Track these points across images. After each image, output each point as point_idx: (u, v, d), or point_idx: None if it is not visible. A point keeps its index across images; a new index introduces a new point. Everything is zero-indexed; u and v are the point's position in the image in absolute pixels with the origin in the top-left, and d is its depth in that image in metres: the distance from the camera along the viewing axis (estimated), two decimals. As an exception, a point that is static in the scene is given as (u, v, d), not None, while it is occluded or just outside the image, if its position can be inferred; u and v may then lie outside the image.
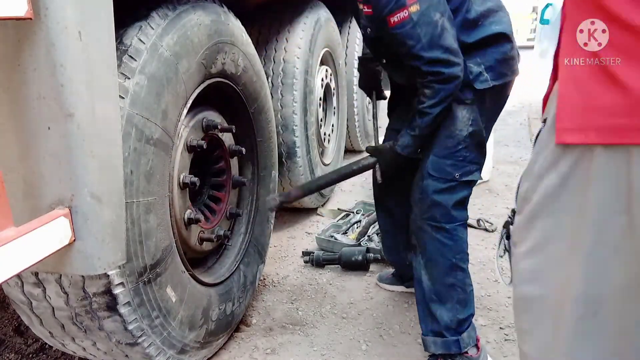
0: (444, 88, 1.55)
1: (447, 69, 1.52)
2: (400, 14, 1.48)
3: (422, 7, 1.48)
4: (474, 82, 1.63)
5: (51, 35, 0.93)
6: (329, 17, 3.19)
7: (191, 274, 1.65)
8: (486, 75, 1.64)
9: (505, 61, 1.67)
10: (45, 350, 1.98)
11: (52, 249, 0.99)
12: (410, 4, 1.47)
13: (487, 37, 1.62)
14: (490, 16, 1.64)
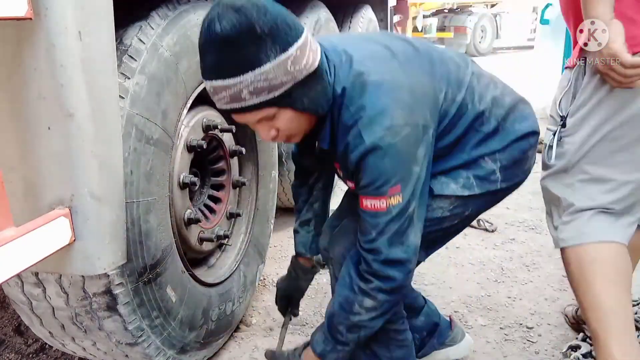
0: (389, 300, 1.26)
1: (401, 274, 1.24)
2: (376, 203, 1.19)
3: (405, 197, 1.19)
4: (481, 180, 1.36)
5: (51, 35, 0.93)
6: (329, 17, 3.19)
7: (191, 274, 1.65)
8: (498, 175, 1.37)
9: (523, 161, 1.41)
10: (45, 350, 1.98)
11: (52, 249, 0.99)
12: (392, 194, 1.18)
13: (513, 139, 1.37)
14: (511, 115, 1.37)
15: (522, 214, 3.18)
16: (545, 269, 2.50)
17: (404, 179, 1.18)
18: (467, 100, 1.31)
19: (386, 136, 1.14)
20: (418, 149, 1.19)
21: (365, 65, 1.20)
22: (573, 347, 1.88)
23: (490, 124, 1.34)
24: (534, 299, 2.24)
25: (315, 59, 1.12)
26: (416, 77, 1.23)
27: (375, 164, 1.16)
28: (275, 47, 1.03)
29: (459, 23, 12.44)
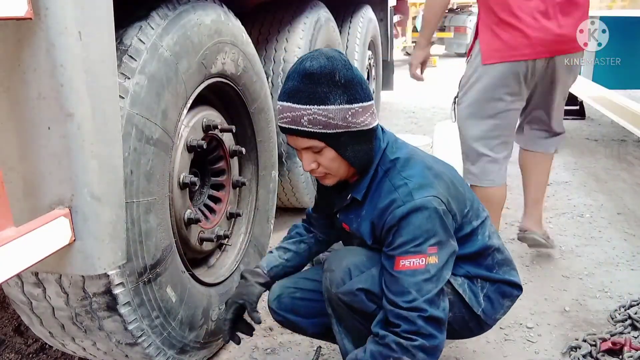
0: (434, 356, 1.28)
1: (441, 334, 1.28)
2: (415, 260, 1.25)
3: (441, 260, 1.28)
4: (471, 291, 1.46)
5: (51, 35, 0.93)
6: (329, 17, 3.19)
7: (191, 274, 1.65)
8: (482, 301, 1.47)
9: (500, 308, 1.53)
10: (45, 350, 1.98)
11: (52, 249, 0.99)
12: (431, 252, 1.26)
13: (504, 281, 1.52)
14: (507, 266, 1.53)
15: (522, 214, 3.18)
16: (545, 269, 2.50)
17: (441, 243, 1.29)
18: (479, 230, 1.46)
19: (434, 201, 1.29)
20: (452, 228, 1.35)
21: (417, 153, 1.43)
22: (573, 347, 1.88)
23: (491, 259, 1.49)
24: (534, 299, 2.24)
25: (372, 123, 1.32)
26: (453, 183, 1.41)
27: (420, 221, 1.27)
28: (344, 97, 1.25)
29: (459, 23, 12.42)
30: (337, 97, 1.25)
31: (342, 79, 1.25)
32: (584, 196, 3.43)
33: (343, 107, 1.25)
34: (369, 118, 1.31)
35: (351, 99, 1.26)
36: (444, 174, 1.40)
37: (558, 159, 4.23)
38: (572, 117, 5.60)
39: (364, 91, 1.28)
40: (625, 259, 2.56)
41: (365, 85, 1.30)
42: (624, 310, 2.07)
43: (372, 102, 1.32)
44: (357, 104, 1.27)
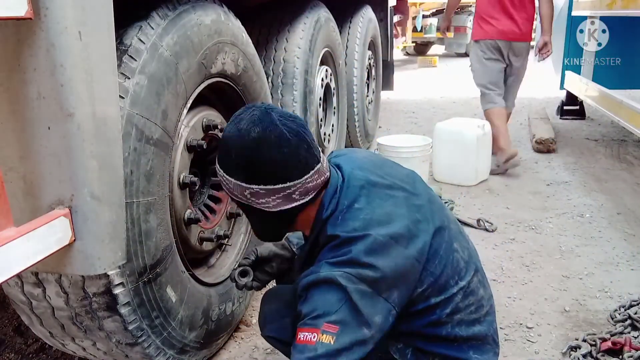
0: None
1: None
2: (307, 334, 1.09)
3: (339, 343, 1.07)
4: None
5: (51, 35, 0.93)
6: (329, 17, 3.19)
7: (191, 274, 1.65)
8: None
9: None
10: (45, 350, 1.98)
11: (52, 249, 0.99)
12: (326, 330, 1.08)
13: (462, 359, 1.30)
14: (473, 341, 1.30)
15: (522, 214, 3.18)
16: (545, 269, 2.50)
17: (344, 324, 1.09)
18: (439, 307, 1.24)
19: (342, 277, 1.10)
20: (375, 314, 1.12)
21: (377, 205, 1.20)
22: (573, 347, 1.88)
23: (446, 335, 1.27)
24: (534, 299, 2.24)
25: (280, 206, 1.18)
26: (408, 247, 1.17)
27: (320, 296, 1.11)
28: (241, 175, 1.17)
29: (459, 23, 12.41)
30: (233, 172, 1.17)
31: (243, 156, 1.14)
32: (584, 196, 3.43)
33: (240, 184, 1.17)
34: (280, 201, 1.17)
35: (250, 180, 1.15)
36: (400, 235, 1.17)
37: (558, 159, 4.23)
38: (572, 117, 5.61)
39: (277, 173, 1.14)
40: (625, 259, 2.56)
41: (287, 167, 1.14)
42: (624, 310, 2.07)
43: (295, 183, 1.15)
44: (259, 186, 1.15)
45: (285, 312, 1.41)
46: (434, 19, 12.17)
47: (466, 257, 1.31)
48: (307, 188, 1.17)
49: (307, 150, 1.16)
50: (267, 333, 1.47)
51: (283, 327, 1.40)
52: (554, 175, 3.88)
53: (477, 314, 1.30)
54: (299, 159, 1.15)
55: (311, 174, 1.17)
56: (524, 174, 3.92)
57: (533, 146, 4.53)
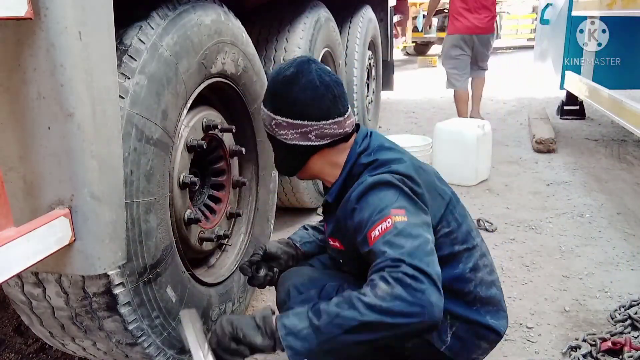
0: (402, 299, 1.03)
1: (428, 285, 1.04)
2: (382, 225, 1.14)
3: (412, 221, 1.15)
4: None
5: (51, 35, 0.93)
6: (329, 17, 3.19)
7: (191, 274, 1.65)
8: (448, 339, 1.36)
9: (474, 348, 1.41)
10: (45, 350, 1.98)
11: (52, 249, 0.99)
12: (396, 213, 1.16)
13: (479, 322, 1.41)
14: (490, 306, 1.43)
15: (522, 214, 3.18)
16: (545, 269, 2.50)
17: (407, 209, 1.18)
18: (462, 258, 1.37)
19: (388, 176, 1.24)
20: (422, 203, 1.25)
21: (401, 159, 1.35)
22: (573, 347, 1.88)
23: (468, 293, 1.38)
24: (534, 299, 2.24)
25: (297, 141, 1.34)
26: (435, 189, 1.37)
27: (378, 194, 1.22)
28: (270, 105, 1.37)
29: (459, 23, 12.41)
30: (267, 102, 1.37)
31: (273, 87, 1.34)
32: (584, 196, 3.43)
33: (269, 113, 1.35)
34: (295, 136, 1.32)
35: (275, 109, 1.33)
36: (428, 178, 1.36)
37: (558, 159, 4.24)
38: (572, 117, 5.61)
39: (299, 110, 1.30)
40: (625, 259, 2.56)
41: (307, 105, 1.29)
42: (624, 310, 2.07)
43: (312, 124, 1.31)
44: (281, 117, 1.32)
45: (309, 285, 1.44)
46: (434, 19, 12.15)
47: (475, 227, 1.49)
48: (323, 132, 1.33)
49: (331, 100, 1.32)
50: (293, 307, 1.34)
51: (308, 298, 1.39)
52: (554, 175, 3.88)
53: (492, 277, 1.45)
54: (321, 105, 1.31)
55: (330, 122, 1.33)
56: (524, 174, 3.92)
57: (533, 146, 4.53)
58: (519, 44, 14.38)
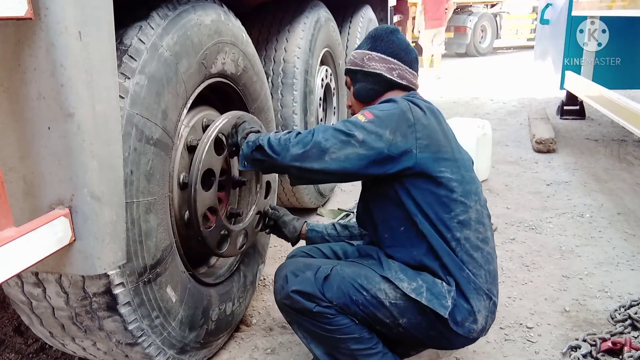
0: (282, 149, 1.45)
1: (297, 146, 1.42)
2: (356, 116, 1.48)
3: (365, 123, 1.43)
4: (432, 294, 1.41)
5: (51, 35, 0.93)
6: (329, 17, 3.19)
7: (191, 274, 1.65)
8: (449, 303, 1.40)
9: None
10: (45, 350, 1.98)
11: (52, 249, 0.99)
12: (366, 115, 1.45)
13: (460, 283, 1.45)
14: (472, 265, 1.46)
15: (522, 214, 3.18)
16: (545, 269, 2.50)
17: (378, 120, 1.41)
18: (458, 207, 1.46)
19: (404, 103, 1.48)
20: (399, 130, 1.42)
21: (434, 120, 1.52)
22: (573, 347, 1.88)
23: (452, 239, 1.45)
24: (534, 299, 2.24)
25: (384, 72, 1.60)
26: (449, 144, 1.51)
27: (386, 103, 1.52)
28: (368, 45, 1.65)
29: (459, 23, 12.42)
30: (364, 45, 1.65)
31: (376, 33, 1.65)
32: (584, 196, 3.43)
33: (364, 51, 1.64)
34: (383, 68, 1.60)
35: (372, 48, 1.62)
36: (441, 126, 1.51)
37: (558, 159, 4.24)
38: (572, 117, 5.61)
39: (393, 51, 1.60)
40: (625, 259, 2.56)
41: (400, 50, 1.61)
42: (624, 310, 2.07)
43: (399, 64, 1.60)
44: (376, 53, 1.61)
45: (304, 269, 1.52)
46: (434, 19, 12.15)
47: (487, 211, 1.58)
48: (403, 75, 1.62)
49: (415, 59, 1.65)
50: (290, 288, 1.48)
51: (305, 279, 1.48)
52: (554, 175, 3.88)
53: (482, 245, 1.48)
54: (409, 54, 1.63)
55: (411, 70, 1.63)
56: (524, 174, 3.92)
57: (533, 146, 4.53)
58: (519, 44, 14.39)
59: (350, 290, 1.44)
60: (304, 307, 1.47)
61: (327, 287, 1.45)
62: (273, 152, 1.43)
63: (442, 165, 1.44)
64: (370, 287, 1.44)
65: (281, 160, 1.42)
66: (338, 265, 1.52)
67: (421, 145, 1.42)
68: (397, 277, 1.45)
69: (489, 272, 1.49)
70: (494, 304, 1.50)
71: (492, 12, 13.23)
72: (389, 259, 1.52)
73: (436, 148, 1.45)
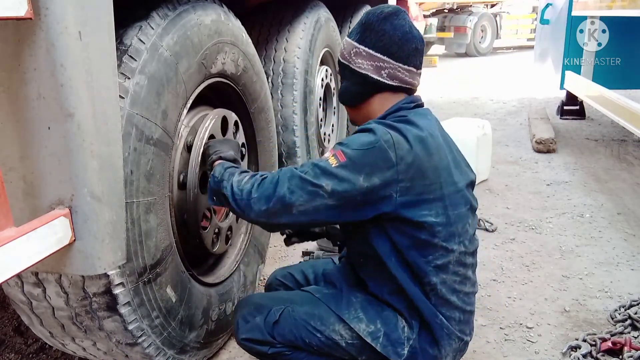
0: (245, 205, 1.30)
1: (260, 202, 1.27)
2: (328, 155, 1.28)
3: (334, 166, 1.23)
4: (388, 341, 1.35)
5: (51, 35, 0.93)
6: (329, 17, 3.19)
7: (191, 274, 1.65)
8: (405, 352, 1.34)
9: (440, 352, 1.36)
10: (45, 350, 1.98)
11: (52, 249, 0.98)
12: (338, 155, 1.25)
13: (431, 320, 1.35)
14: (445, 308, 1.36)
15: (522, 214, 3.18)
16: (545, 269, 2.50)
17: (351, 164, 1.23)
18: (438, 252, 1.32)
19: (384, 134, 1.25)
20: (375, 173, 1.23)
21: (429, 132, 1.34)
22: (573, 347, 1.88)
23: (428, 283, 1.32)
24: (534, 299, 2.24)
25: (371, 73, 1.35)
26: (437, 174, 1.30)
27: (360, 136, 1.28)
28: (357, 35, 1.38)
29: (459, 23, 12.43)
30: (354, 33, 1.39)
31: (367, 20, 1.37)
32: (584, 196, 3.43)
33: (353, 42, 1.38)
34: (370, 67, 1.35)
35: (361, 39, 1.36)
36: (436, 162, 1.30)
37: (558, 159, 4.24)
38: (572, 117, 5.61)
39: (384, 45, 1.33)
40: (625, 259, 2.56)
41: (392, 44, 1.33)
42: (624, 310, 2.07)
43: (390, 62, 1.34)
44: (364, 47, 1.35)
45: (255, 313, 1.46)
46: (434, 19, 12.17)
47: (471, 235, 1.41)
48: (395, 74, 1.35)
49: (414, 49, 1.35)
50: (240, 336, 1.46)
51: (254, 326, 1.44)
52: (554, 175, 3.88)
53: (460, 287, 1.37)
54: (404, 48, 1.34)
55: (405, 67, 1.35)
56: (523, 174, 3.92)
57: (533, 146, 4.53)
58: (519, 44, 14.40)
59: (302, 333, 1.39)
60: (258, 352, 1.45)
61: (277, 332, 1.41)
62: (237, 206, 1.31)
63: (426, 208, 1.28)
64: (324, 328, 1.38)
65: (247, 216, 1.30)
66: (290, 306, 1.44)
67: (403, 188, 1.24)
68: (355, 317, 1.37)
69: (465, 311, 1.40)
70: (466, 342, 1.44)
71: (492, 12, 13.25)
72: (353, 292, 1.44)
73: (420, 189, 1.27)
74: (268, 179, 1.28)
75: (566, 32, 5.05)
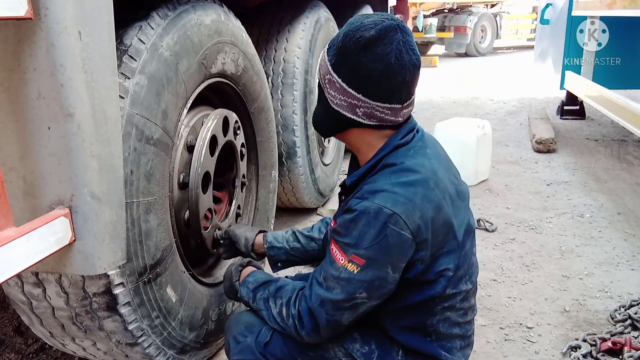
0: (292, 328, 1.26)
1: (311, 334, 1.23)
2: (338, 254, 1.16)
3: (361, 276, 1.13)
4: None
5: (51, 35, 0.93)
6: (329, 17, 3.19)
7: (191, 274, 1.65)
8: None
9: None
10: (45, 350, 1.98)
11: (52, 249, 0.98)
12: (353, 260, 1.13)
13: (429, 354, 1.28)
14: (444, 341, 1.29)
15: (522, 214, 3.18)
16: (545, 269, 2.50)
17: (373, 262, 1.12)
18: (454, 305, 1.26)
19: (391, 218, 1.10)
20: (400, 259, 1.14)
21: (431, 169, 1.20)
22: (573, 347, 1.88)
23: (429, 325, 1.26)
24: (534, 299, 2.24)
25: (341, 107, 1.18)
26: (446, 225, 1.20)
27: (363, 225, 1.12)
28: (333, 58, 1.18)
29: (459, 23, 12.43)
30: (331, 52, 1.18)
31: (343, 42, 1.14)
32: (584, 196, 3.43)
33: (328, 65, 1.18)
34: (343, 103, 1.17)
35: (336, 66, 1.16)
36: (443, 216, 1.18)
37: (558, 159, 4.24)
38: (572, 117, 5.61)
39: (360, 81, 1.13)
40: (625, 259, 2.56)
41: (369, 79, 1.12)
42: (624, 310, 2.07)
43: (366, 101, 1.14)
44: (338, 78, 1.15)
45: (245, 332, 1.42)
46: (434, 19, 12.18)
47: (474, 265, 1.35)
48: (373, 113, 1.16)
49: (399, 84, 1.13)
50: (232, 357, 1.42)
51: (245, 347, 1.39)
52: (554, 175, 3.88)
53: (462, 319, 1.31)
54: (386, 84, 1.12)
55: (384, 105, 1.15)
56: (524, 174, 3.92)
57: (533, 146, 4.53)
58: (519, 44, 14.41)
59: (294, 353, 1.34)
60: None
61: (269, 351, 1.36)
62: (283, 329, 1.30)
63: (444, 263, 1.21)
64: (317, 347, 1.32)
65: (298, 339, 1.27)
66: None
67: (424, 256, 1.16)
68: (349, 336, 1.30)
69: (465, 337, 1.34)
70: (467, 356, 1.38)
71: (492, 12, 13.25)
72: None
73: (435, 249, 1.18)
74: (304, 310, 1.22)
75: (566, 32, 5.05)
